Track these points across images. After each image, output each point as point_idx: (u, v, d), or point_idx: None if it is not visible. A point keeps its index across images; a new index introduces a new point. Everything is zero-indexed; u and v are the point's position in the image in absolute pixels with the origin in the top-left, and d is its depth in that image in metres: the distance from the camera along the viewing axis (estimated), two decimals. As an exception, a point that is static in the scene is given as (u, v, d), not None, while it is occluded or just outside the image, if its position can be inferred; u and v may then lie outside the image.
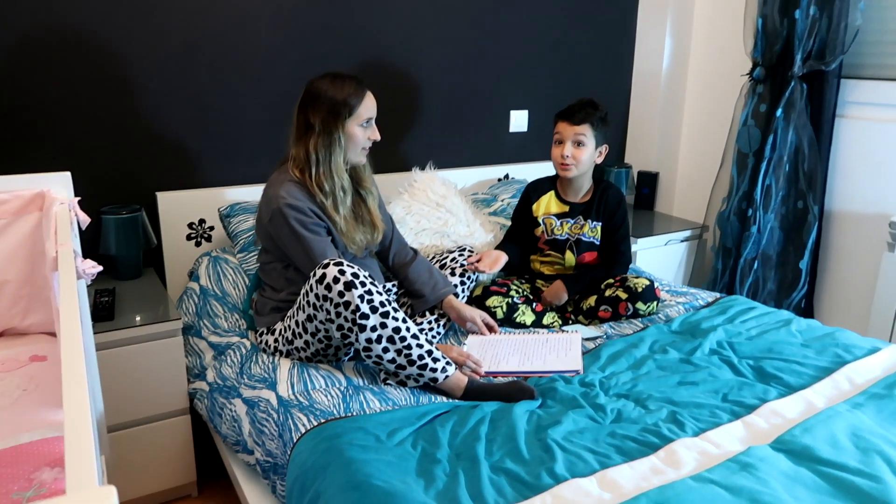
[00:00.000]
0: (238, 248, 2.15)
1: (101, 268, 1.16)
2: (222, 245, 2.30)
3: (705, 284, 2.96)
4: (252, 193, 2.33)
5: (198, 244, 2.30)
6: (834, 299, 2.71)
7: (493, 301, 2.09)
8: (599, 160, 2.22)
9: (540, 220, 2.26)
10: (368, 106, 1.81)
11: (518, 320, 2.08)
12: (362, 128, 1.81)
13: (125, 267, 2.11)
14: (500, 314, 2.07)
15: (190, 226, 2.27)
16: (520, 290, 2.18)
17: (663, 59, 3.04)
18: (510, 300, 2.10)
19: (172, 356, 1.89)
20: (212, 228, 2.30)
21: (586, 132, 2.14)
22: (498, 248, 2.25)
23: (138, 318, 1.86)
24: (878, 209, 2.52)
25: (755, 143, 2.70)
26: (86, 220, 1.38)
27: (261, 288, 1.94)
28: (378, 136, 1.86)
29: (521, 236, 2.29)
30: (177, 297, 2.18)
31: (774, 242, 2.72)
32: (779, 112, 2.58)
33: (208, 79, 2.23)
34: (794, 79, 2.54)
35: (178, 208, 2.24)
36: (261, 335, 1.87)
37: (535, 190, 2.30)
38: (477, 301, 2.11)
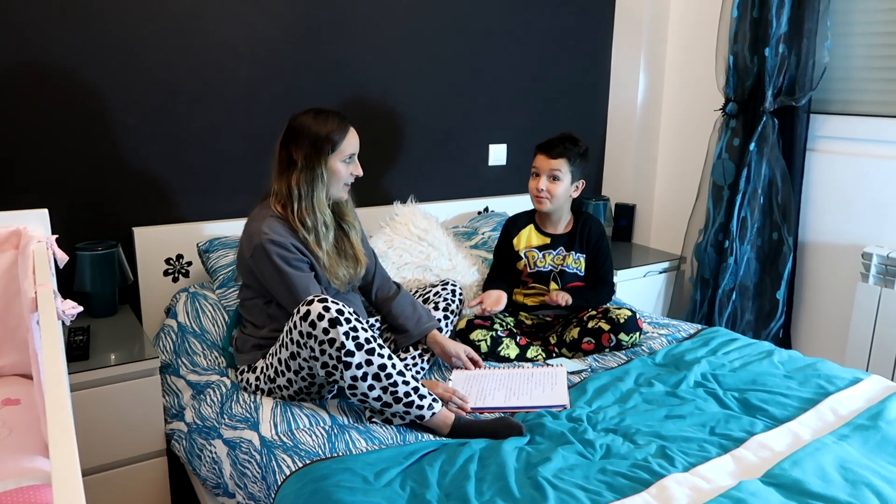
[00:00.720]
0: (217, 284, 2.12)
1: (80, 308, 1.13)
2: (200, 281, 2.26)
3: (684, 315, 2.98)
4: (231, 228, 2.30)
5: (175, 280, 2.25)
6: (811, 329, 2.74)
7: (477, 334, 2.08)
8: (575, 195, 2.24)
9: (522, 254, 2.27)
10: (351, 142, 1.81)
11: (502, 354, 2.07)
12: (345, 163, 1.81)
13: (100, 304, 2.06)
14: (484, 348, 2.06)
15: (167, 261, 2.23)
16: (504, 324, 2.17)
17: (638, 94, 3.10)
18: (494, 333, 2.09)
19: (149, 396, 1.84)
20: (189, 264, 2.27)
21: (562, 167, 2.16)
22: (489, 287, 2.26)
23: (113, 358, 1.81)
24: (850, 240, 2.58)
25: (730, 176, 2.76)
26: (64, 258, 1.35)
27: (241, 325, 1.90)
28: (360, 172, 1.86)
29: (505, 272, 2.30)
30: (153, 335, 2.13)
31: (751, 273, 2.76)
32: (752, 146, 2.64)
33: (186, 113, 2.22)
34: (766, 114, 2.61)
35: (155, 244, 2.20)
36: (241, 373, 1.83)
37: (514, 225, 2.31)
38: (461, 335, 2.10)
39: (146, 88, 2.14)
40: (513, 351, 2.08)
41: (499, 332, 2.10)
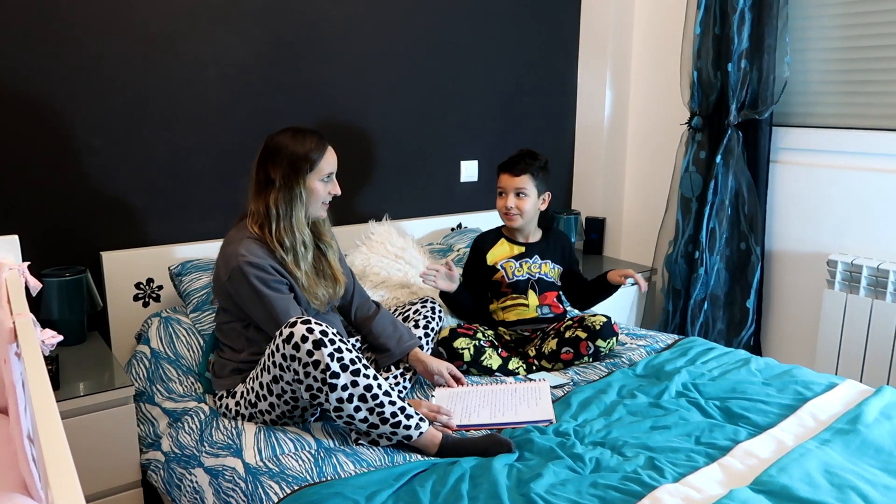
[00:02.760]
0: (191, 308, 2.07)
1: (61, 337, 1.09)
2: (172, 305, 2.20)
3: (657, 326, 3.02)
4: (204, 250, 2.25)
5: (146, 305, 2.20)
6: (781, 336, 2.80)
7: (460, 342, 2.07)
8: (543, 207, 2.28)
9: (499, 266, 2.27)
10: (330, 160, 1.80)
11: (485, 363, 2.07)
12: (323, 182, 1.79)
13: (69, 332, 1.99)
14: (467, 356, 2.06)
15: (137, 286, 2.17)
16: (485, 335, 2.17)
17: (605, 110, 3.15)
18: (477, 342, 2.09)
19: (123, 425, 1.78)
20: (160, 288, 2.21)
21: (527, 183, 2.20)
22: (454, 310, 2.29)
23: (84, 387, 1.74)
24: (815, 248, 2.65)
25: (697, 189, 2.81)
26: (37, 285, 1.30)
27: (219, 349, 1.86)
28: (338, 191, 1.84)
29: (472, 290, 2.30)
30: (125, 362, 2.07)
31: (721, 283, 2.81)
32: (718, 158, 2.70)
33: (156, 134, 2.17)
34: (731, 127, 2.68)
35: (124, 268, 2.14)
36: (220, 399, 1.78)
37: (483, 242, 2.33)
38: (444, 343, 2.09)
39: (114, 109, 2.09)
40: (495, 361, 2.08)
41: (482, 342, 2.10)
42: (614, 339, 2.13)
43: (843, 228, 2.56)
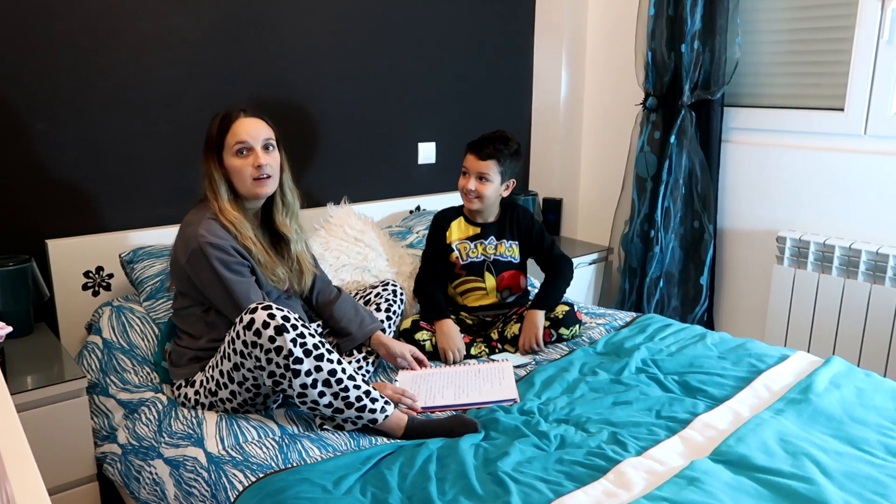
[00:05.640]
0: (145, 296, 2.00)
1: (10, 329, 1.04)
2: (124, 293, 2.13)
3: (614, 304, 3.07)
4: (156, 236, 2.18)
5: (96, 294, 2.12)
6: (733, 311, 2.88)
7: (422, 335, 2.06)
8: (506, 194, 2.22)
9: (454, 247, 2.24)
10: (237, 132, 1.69)
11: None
12: (240, 157, 1.70)
13: (14, 323, 1.90)
14: (429, 347, 2.04)
15: (86, 274, 2.09)
16: None
17: (561, 91, 3.16)
18: None
19: (76, 419, 1.72)
20: (111, 276, 2.14)
21: (491, 169, 2.13)
22: (422, 294, 2.19)
23: (33, 380, 1.68)
24: (765, 226, 2.72)
25: (652, 168, 2.86)
26: (-19, 274, 1.23)
27: (176, 336, 1.81)
28: (261, 161, 1.69)
29: (438, 269, 2.24)
30: (76, 354, 2.00)
31: (676, 261, 2.87)
32: (672, 138, 2.74)
33: (103, 117, 2.09)
34: (684, 107, 2.72)
35: (71, 256, 2.06)
36: (178, 388, 1.74)
37: (444, 218, 2.27)
38: (405, 334, 2.08)
39: (59, 91, 2.00)
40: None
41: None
42: (577, 326, 2.14)
43: (791, 206, 2.64)
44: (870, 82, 2.38)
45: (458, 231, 2.25)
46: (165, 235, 2.19)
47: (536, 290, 2.29)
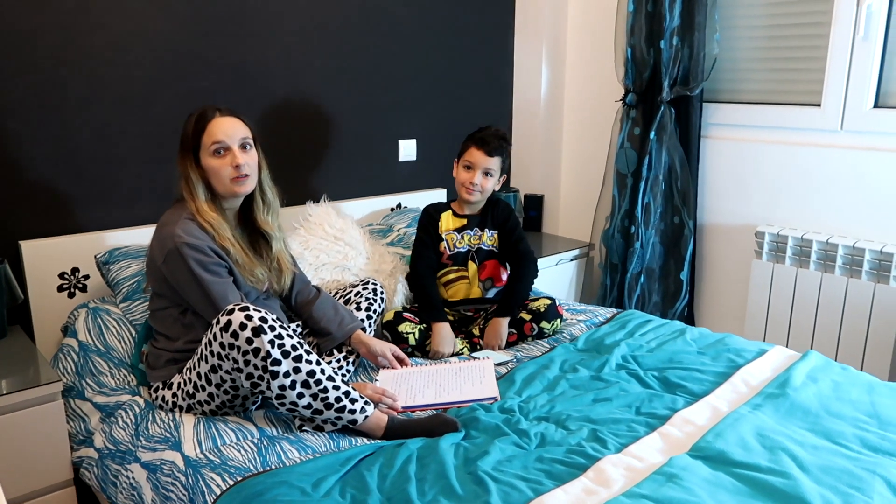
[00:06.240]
0: (121, 298, 1.98)
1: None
2: (100, 295, 2.10)
3: (595, 300, 3.08)
4: (133, 237, 2.15)
5: (71, 296, 2.09)
6: (713, 306, 2.90)
7: (405, 327, 2.07)
8: (497, 188, 2.28)
9: (443, 237, 2.28)
10: (213, 132, 1.67)
11: (429, 347, 2.06)
12: (217, 157, 1.67)
13: (-13, 327, 1.88)
14: (412, 340, 2.05)
15: (62, 276, 2.06)
16: None
17: (541, 87, 3.16)
18: (423, 327, 2.09)
19: (51, 423, 1.69)
20: (87, 277, 2.11)
21: (497, 165, 2.20)
22: (419, 288, 2.20)
23: (6, 384, 1.65)
24: (744, 221, 2.74)
25: (632, 164, 2.87)
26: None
27: (153, 338, 1.78)
28: (239, 161, 1.67)
29: (433, 257, 2.26)
30: (51, 357, 1.97)
31: (656, 257, 2.88)
32: (652, 134, 2.75)
33: (77, 116, 2.05)
34: (663, 103, 2.73)
35: (46, 257, 2.02)
36: (155, 391, 1.72)
37: (435, 209, 2.31)
38: (388, 326, 2.08)
39: (30, 90, 1.96)
40: None
41: (427, 327, 2.09)
42: (558, 320, 2.16)
43: (770, 201, 2.66)
44: (846, 78, 2.40)
45: (446, 223, 2.30)
46: (142, 235, 2.16)
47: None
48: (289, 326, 1.56)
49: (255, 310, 1.51)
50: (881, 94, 2.37)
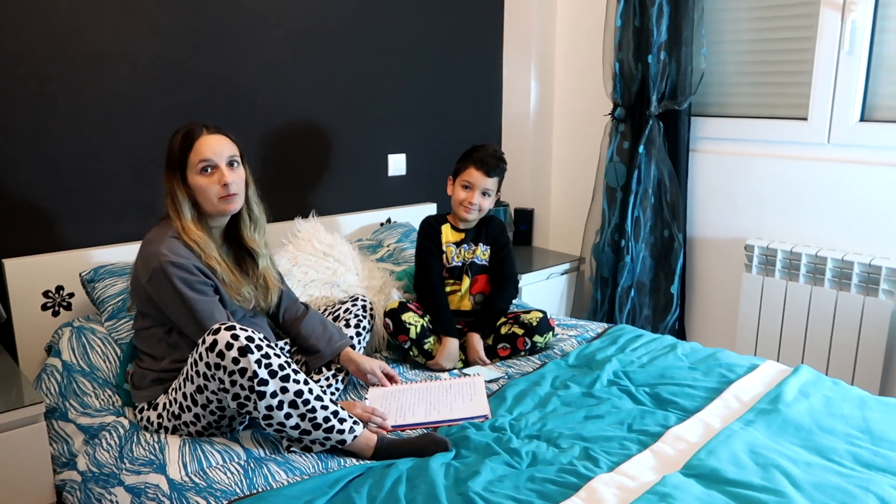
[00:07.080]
0: (106, 316, 1.95)
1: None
2: (85, 313, 2.07)
3: (586, 314, 3.07)
4: (118, 254, 2.13)
5: (56, 314, 2.06)
6: (703, 319, 2.90)
7: (409, 317, 2.09)
8: (491, 205, 2.30)
9: (444, 248, 2.29)
10: (200, 150, 1.65)
11: (426, 347, 2.09)
12: (205, 175, 1.66)
13: (-32, 347, 1.84)
14: (413, 333, 2.07)
15: (46, 294, 2.03)
16: (429, 322, 2.17)
17: (530, 102, 3.17)
18: (424, 323, 2.11)
19: (34, 445, 1.66)
20: (72, 296, 2.08)
21: (494, 185, 2.24)
22: (429, 300, 2.20)
23: (-12, 406, 1.62)
24: (733, 234, 2.75)
25: (622, 178, 2.87)
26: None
27: (137, 358, 1.76)
28: (228, 179, 1.65)
29: (438, 266, 2.26)
30: (34, 377, 1.93)
31: (647, 270, 2.88)
32: (641, 148, 2.76)
33: (62, 132, 2.03)
34: (652, 117, 2.74)
35: (30, 275, 2.00)
36: (140, 411, 1.69)
37: (435, 221, 2.32)
38: (392, 314, 2.09)
39: (15, 105, 1.94)
40: (435, 348, 2.11)
41: (426, 325, 2.12)
42: (550, 333, 2.15)
43: (758, 214, 2.67)
44: (832, 92, 2.42)
45: (447, 235, 2.31)
46: (128, 253, 2.13)
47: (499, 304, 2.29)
48: (276, 345, 1.54)
49: (241, 329, 1.48)
50: (867, 107, 2.39)
